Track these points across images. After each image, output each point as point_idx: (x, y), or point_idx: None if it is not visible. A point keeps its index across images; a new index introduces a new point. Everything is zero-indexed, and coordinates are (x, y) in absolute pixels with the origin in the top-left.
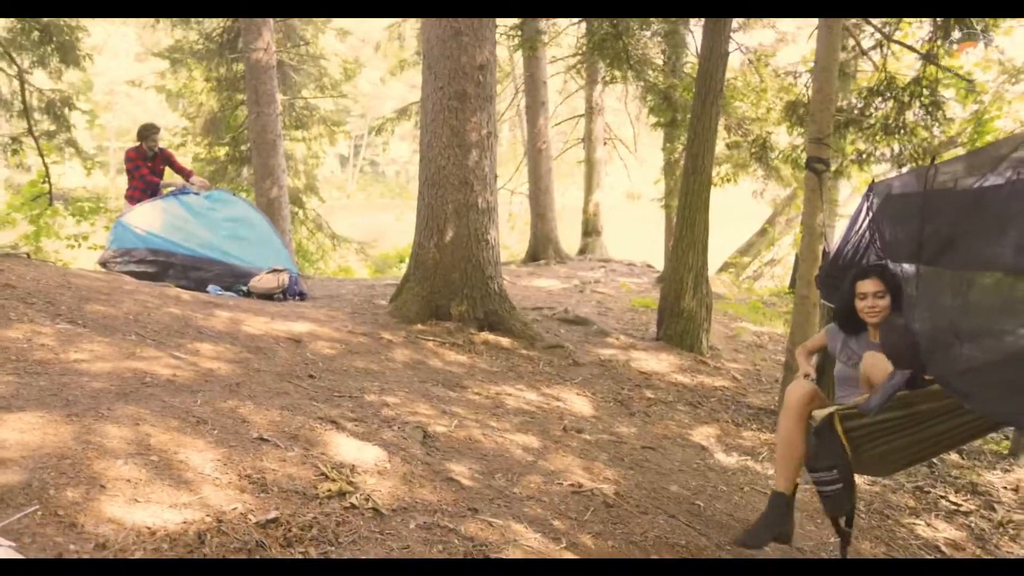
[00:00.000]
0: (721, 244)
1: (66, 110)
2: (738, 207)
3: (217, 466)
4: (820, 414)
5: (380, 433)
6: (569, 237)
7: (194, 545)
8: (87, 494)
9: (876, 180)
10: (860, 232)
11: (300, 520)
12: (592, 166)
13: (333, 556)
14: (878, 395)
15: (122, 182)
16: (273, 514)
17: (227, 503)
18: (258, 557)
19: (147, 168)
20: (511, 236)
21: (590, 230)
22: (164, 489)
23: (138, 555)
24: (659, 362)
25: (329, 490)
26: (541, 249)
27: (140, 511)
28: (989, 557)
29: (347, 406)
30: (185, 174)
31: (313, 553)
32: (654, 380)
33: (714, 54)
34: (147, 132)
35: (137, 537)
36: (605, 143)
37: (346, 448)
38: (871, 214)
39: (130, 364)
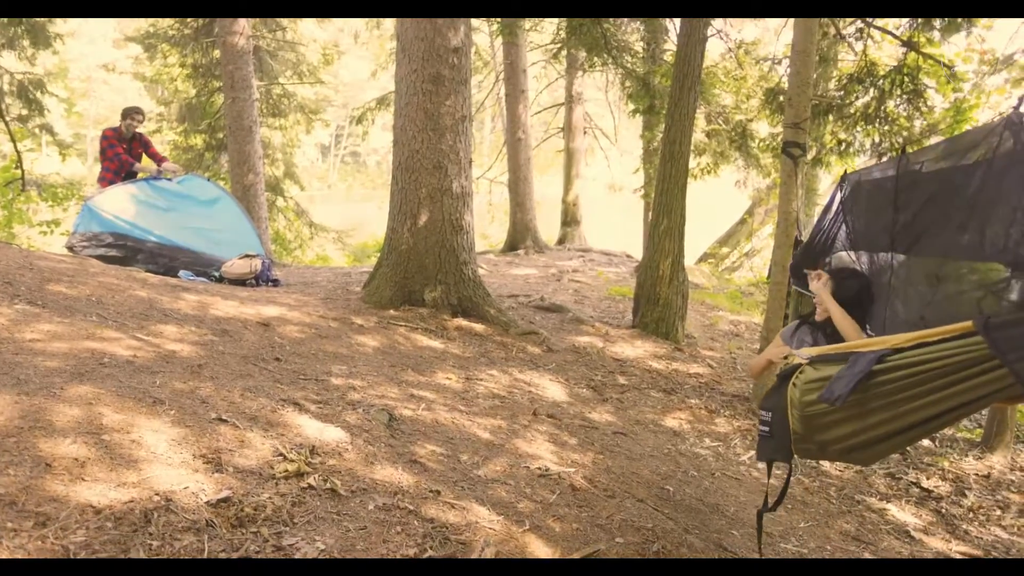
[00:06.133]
0: (701, 235)
1: (39, 94)
2: (718, 198)
3: (171, 446)
4: (790, 362)
5: (344, 415)
6: (549, 227)
7: (139, 524)
8: (31, 473)
9: (848, 171)
10: (832, 221)
11: (253, 500)
12: (571, 155)
13: (287, 536)
14: (842, 382)
15: (99, 169)
16: (225, 493)
17: (178, 482)
18: (207, 537)
19: (122, 148)
20: (490, 226)
21: (569, 220)
22: (113, 468)
23: (80, 533)
24: (634, 349)
25: (286, 470)
26: (520, 238)
27: (85, 490)
28: (975, 552)
29: (312, 388)
30: (158, 159)
31: (266, 533)
32: (628, 367)
33: (692, 39)
34: (128, 112)
35: (80, 516)
36: (585, 132)
37: (307, 429)
38: (843, 204)
39: (88, 345)
